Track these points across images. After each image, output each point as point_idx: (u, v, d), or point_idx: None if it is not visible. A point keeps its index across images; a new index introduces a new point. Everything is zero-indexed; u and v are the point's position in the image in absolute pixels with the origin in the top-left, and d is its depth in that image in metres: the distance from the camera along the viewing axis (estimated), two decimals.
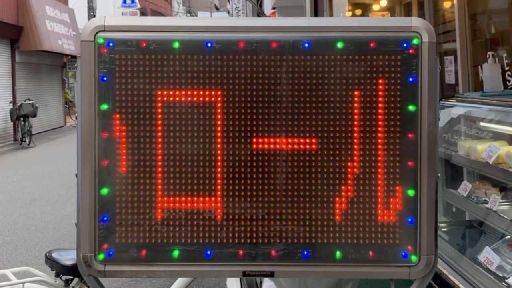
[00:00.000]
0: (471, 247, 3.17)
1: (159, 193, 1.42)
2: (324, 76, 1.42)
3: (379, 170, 1.41)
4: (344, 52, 1.41)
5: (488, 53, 4.21)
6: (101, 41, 1.41)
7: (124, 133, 1.42)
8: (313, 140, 1.42)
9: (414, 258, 1.41)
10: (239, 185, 1.42)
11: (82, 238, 1.41)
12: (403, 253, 1.41)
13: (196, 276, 1.54)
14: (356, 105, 1.42)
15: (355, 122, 1.42)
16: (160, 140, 1.42)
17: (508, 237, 2.81)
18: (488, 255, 2.62)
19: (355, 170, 1.42)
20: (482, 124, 3.35)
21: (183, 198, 1.42)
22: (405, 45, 1.41)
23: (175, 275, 1.48)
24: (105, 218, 1.41)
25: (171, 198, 1.42)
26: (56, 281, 2.53)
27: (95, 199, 1.41)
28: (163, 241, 1.42)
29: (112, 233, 1.42)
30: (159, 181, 1.42)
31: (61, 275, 2.55)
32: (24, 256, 5.29)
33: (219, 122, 1.42)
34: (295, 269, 1.44)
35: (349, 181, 1.42)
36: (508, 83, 4.11)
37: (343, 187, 1.42)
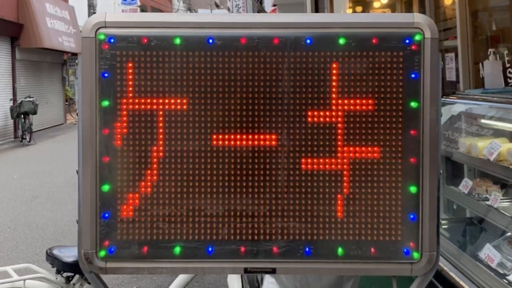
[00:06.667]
0: (472, 244, 3.16)
1: (160, 189, 1.42)
2: (326, 72, 1.41)
3: (381, 166, 1.41)
4: (346, 48, 1.41)
5: (489, 50, 4.21)
6: (102, 37, 1.41)
7: (125, 130, 1.42)
8: (315, 137, 1.42)
9: (416, 255, 1.41)
10: (241, 181, 1.42)
11: (83, 235, 1.41)
12: (405, 250, 1.41)
13: (198, 273, 1.54)
14: (358, 101, 1.41)
15: (357, 119, 1.41)
16: (161, 136, 1.42)
17: (509, 234, 2.80)
18: (489, 252, 2.61)
19: (357, 166, 1.42)
20: (483, 121, 3.34)
21: (184, 195, 1.42)
22: (407, 41, 1.40)
23: (176, 271, 1.48)
24: (106, 215, 1.41)
25: (172, 195, 1.42)
26: (57, 278, 2.54)
27: (96, 196, 1.40)
28: (164, 237, 1.42)
29: (113, 230, 1.41)
30: (160, 177, 1.42)
31: (62, 272, 2.56)
32: (25, 253, 5.29)
33: (220, 119, 1.42)
34: (296, 266, 1.44)
35: (351, 178, 1.42)
36: (509, 80, 4.10)
37: (345, 184, 1.42)
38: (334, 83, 1.42)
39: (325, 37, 1.42)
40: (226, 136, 1.42)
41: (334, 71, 1.42)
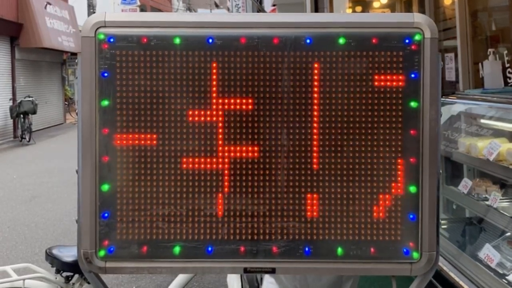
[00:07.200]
0: (471, 244, 3.16)
1: (160, 189, 1.42)
2: (325, 72, 1.41)
3: (381, 166, 1.41)
4: (346, 48, 1.41)
5: (489, 50, 4.21)
6: (101, 37, 1.41)
7: (125, 129, 1.41)
8: (315, 136, 1.42)
9: (415, 255, 1.40)
10: (241, 181, 1.42)
11: (83, 234, 1.41)
12: (404, 250, 1.41)
13: (197, 272, 1.54)
14: (357, 101, 1.41)
15: (357, 118, 1.41)
16: (161, 136, 1.42)
17: (508, 234, 2.80)
18: (488, 252, 2.61)
19: (357, 166, 1.42)
20: (482, 121, 3.34)
21: (184, 195, 1.42)
22: (407, 41, 1.40)
23: (176, 271, 1.48)
24: (106, 215, 1.41)
25: (172, 195, 1.42)
26: (56, 278, 2.54)
27: (96, 196, 1.40)
28: (164, 237, 1.42)
29: (113, 230, 1.41)
30: (160, 177, 1.42)
31: (62, 271, 2.56)
32: (24, 253, 5.29)
33: (220, 119, 1.42)
34: (296, 266, 1.44)
35: (351, 177, 1.42)
36: (509, 80, 4.11)
37: (345, 183, 1.42)
38: (334, 83, 1.42)
39: (325, 37, 1.42)
40: (226, 136, 1.42)
41: (334, 71, 1.41)
